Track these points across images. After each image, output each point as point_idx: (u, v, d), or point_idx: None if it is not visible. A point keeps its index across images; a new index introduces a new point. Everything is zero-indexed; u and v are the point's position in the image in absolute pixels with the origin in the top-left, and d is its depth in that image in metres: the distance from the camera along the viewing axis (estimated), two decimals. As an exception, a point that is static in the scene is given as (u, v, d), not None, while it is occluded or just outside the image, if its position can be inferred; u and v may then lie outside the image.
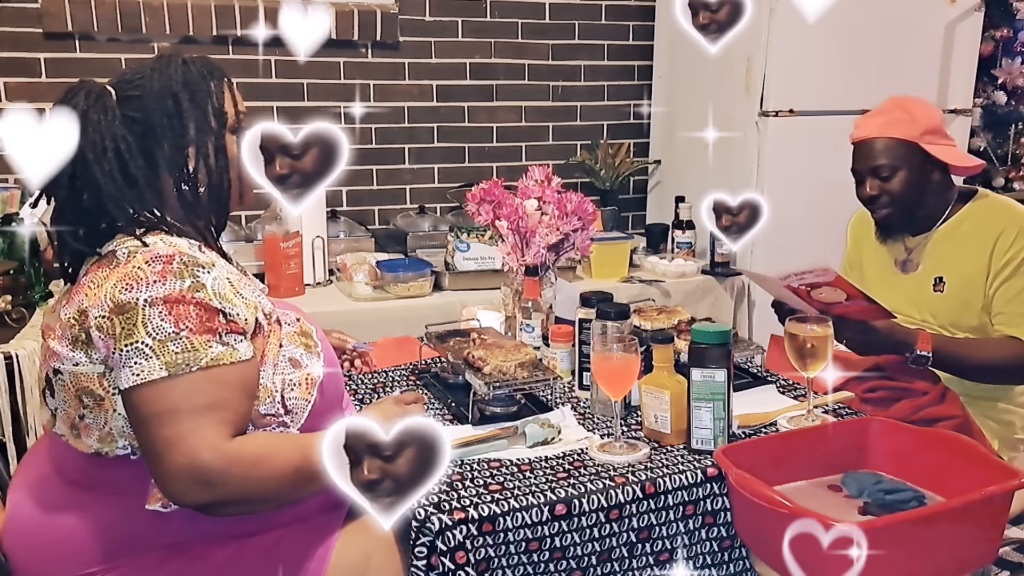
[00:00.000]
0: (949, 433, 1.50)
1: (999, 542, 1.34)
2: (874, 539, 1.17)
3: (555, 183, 2.07)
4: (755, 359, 1.92)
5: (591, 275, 2.98)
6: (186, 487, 1.20)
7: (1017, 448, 2.07)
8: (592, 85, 3.55)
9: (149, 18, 2.85)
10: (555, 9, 3.43)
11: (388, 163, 3.30)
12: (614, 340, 1.53)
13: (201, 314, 1.25)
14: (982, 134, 3.64)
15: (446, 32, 3.29)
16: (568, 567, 1.38)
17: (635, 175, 3.58)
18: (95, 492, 1.32)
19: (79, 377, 1.29)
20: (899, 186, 2.03)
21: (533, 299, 1.97)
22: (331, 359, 1.46)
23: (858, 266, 2.29)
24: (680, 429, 1.55)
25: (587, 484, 1.40)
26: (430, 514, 1.30)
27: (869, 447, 1.50)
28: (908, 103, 2.07)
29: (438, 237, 3.00)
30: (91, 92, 1.34)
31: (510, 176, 2.29)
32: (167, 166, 1.36)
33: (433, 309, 2.56)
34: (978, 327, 2.03)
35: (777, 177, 3.02)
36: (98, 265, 1.31)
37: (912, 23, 3.11)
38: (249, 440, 1.27)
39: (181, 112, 1.36)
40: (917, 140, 2.01)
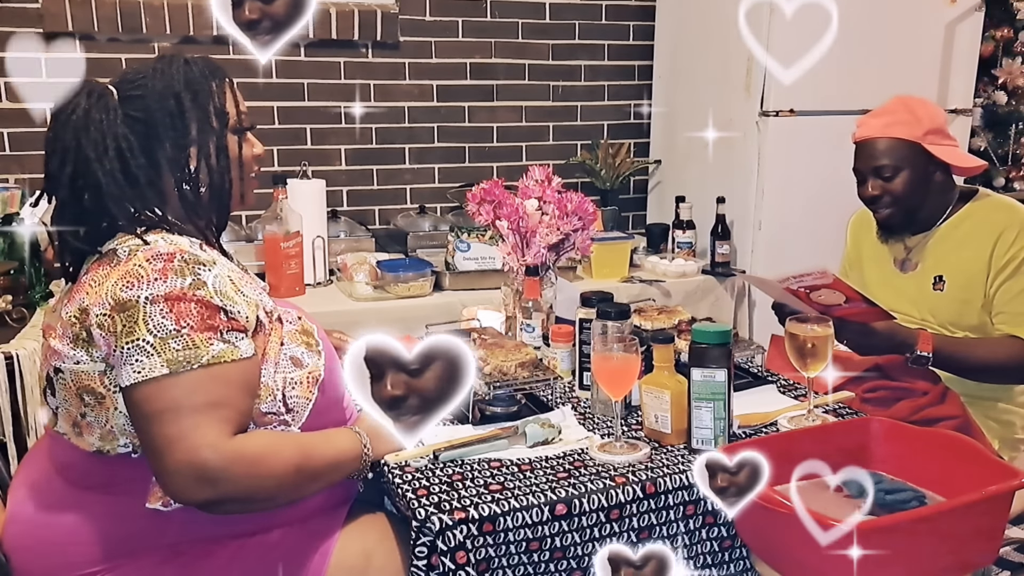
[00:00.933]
0: (949, 433, 1.50)
1: (999, 542, 1.33)
2: (874, 539, 1.17)
3: (555, 183, 2.07)
4: (755, 359, 1.92)
5: (591, 275, 2.98)
6: (187, 485, 1.20)
7: (1017, 448, 2.07)
8: (592, 85, 3.55)
9: (149, 18, 2.86)
10: (555, 9, 3.43)
11: (388, 163, 3.30)
12: (614, 340, 1.53)
13: (202, 312, 1.25)
14: (982, 134, 3.64)
15: (446, 32, 3.29)
16: (568, 567, 1.38)
17: (635, 175, 3.58)
18: (96, 491, 1.33)
19: (80, 375, 1.29)
20: (901, 186, 2.03)
21: (533, 299, 1.97)
22: (332, 358, 1.46)
23: (858, 266, 2.29)
24: (680, 429, 1.55)
25: (587, 484, 1.40)
26: (430, 514, 1.30)
27: (869, 447, 1.50)
28: (912, 103, 2.06)
29: (438, 237, 3.00)
30: (93, 91, 1.34)
31: (510, 176, 2.29)
32: (169, 166, 1.36)
33: (433, 309, 2.56)
34: (978, 326, 2.03)
35: (777, 177, 3.02)
36: (99, 264, 1.31)
37: (912, 23, 3.11)
38: (250, 438, 1.27)
39: (183, 112, 1.36)
40: (920, 140, 2.01)
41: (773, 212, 3.04)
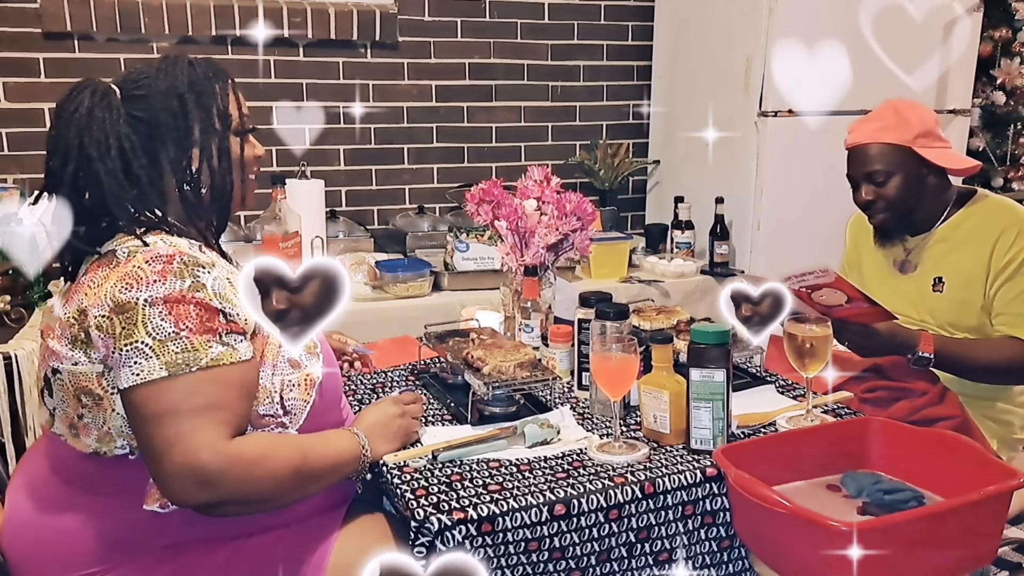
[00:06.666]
0: (948, 433, 1.50)
1: (998, 542, 1.34)
2: (873, 539, 1.17)
3: (554, 183, 2.07)
4: (754, 359, 1.92)
5: (590, 275, 2.98)
6: (185, 487, 1.20)
7: (1016, 448, 2.08)
8: (591, 85, 3.55)
9: (148, 18, 2.85)
10: (554, 9, 3.43)
11: (387, 163, 3.30)
12: (613, 340, 1.53)
13: (201, 314, 1.25)
14: (981, 134, 3.64)
15: (445, 32, 3.29)
16: (567, 567, 1.38)
17: (634, 175, 3.58)
18: (93, 492, 1.32)
19: (78, 376, 1.29)
20: (894, 191, 2.03)
21: (532, 299, 1.97)
22: (330, 360, 1.46)
23: (857, 267, 2.29)
24: (679, 429, 1.55)
25: (586, 484, 1.40)
26: (429, 514, 1.30)
27: (868, 447, 1.50)
28: (901, 107, 2.06)
29: (437, 237, 3.00)
30: (96, 90, 1.34)
31: (509, 176, 2.29)
32: (170, 166, 1.36)
33: (432, 309, 2.55)
34: (977, 327, 2.04)
35: (776, 177, 3.03)
36: (98, 264, 1.31)
37: (912, 23, 3.11)
38: (248, 441, 1.27)
39: (186, 113, 1.36)
40: (910, 144, 2.01)
41: (772, 212, 3.05)
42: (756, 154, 3.03)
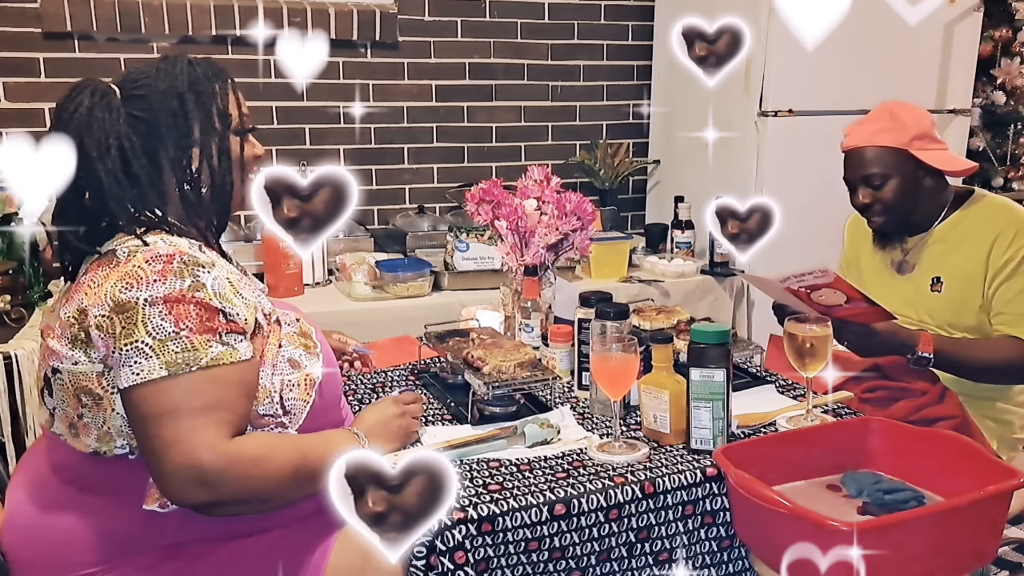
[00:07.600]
0: (948, 433, 1.50)
1: (998, 542, 1.34)
2: (873, 539, 1.17)
3: (554, 183, 2.07)
4: (754, 359, 1.92)
5: (590, 275, 2.98)
6: (185, 487, 1.20)
7: (1016, 448, 2.07)
8: (591, 85, 3.55)
9: (148, 18, 2.85)
10: (554, 9, 3.43)
11: (387, 163, 3.30)
12: (613, 340, 1.53)
13: (201, 314, 1.25)
14: (981, 134, 3.64)
15: (445, 32, 3.29)
16: (567, 567, 1.38)
17: (634, 175, 3.58)
18: (93, 492, 1.32)
19: (78, 376, 1.29)
20: (891, 194, 2.03)
21: (532, 299, 1.97)
22: (330, 360, 1.46)
23: (855, 267, 2.29)
24: (679, 429, 1.55)
25: (586, 484, 1.40)
26: (429, 514, 1.29)
27: (868, 447, 1.50)
28: (897, 109, 2.06)
29: (437, 237, 3.00)
30: (96, 90, 1.34)
31: (509, 176, 2.29)
32: (170, 166, 1.36)
33: (432, 309, 2.55)
34: (976, 327, 2.04)
35: (776, 177, 3.02)
36: (98, 264, 1.31)
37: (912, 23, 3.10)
38: (248, 440, 1.27)
39: (186, 113, 1.36)
40: (907, 147, 2.01)
41: (772, 212, 3.04)
42: (756, 154, 3.03)
